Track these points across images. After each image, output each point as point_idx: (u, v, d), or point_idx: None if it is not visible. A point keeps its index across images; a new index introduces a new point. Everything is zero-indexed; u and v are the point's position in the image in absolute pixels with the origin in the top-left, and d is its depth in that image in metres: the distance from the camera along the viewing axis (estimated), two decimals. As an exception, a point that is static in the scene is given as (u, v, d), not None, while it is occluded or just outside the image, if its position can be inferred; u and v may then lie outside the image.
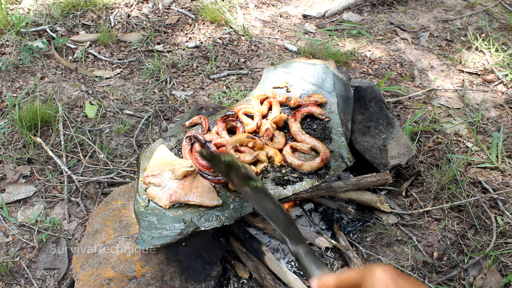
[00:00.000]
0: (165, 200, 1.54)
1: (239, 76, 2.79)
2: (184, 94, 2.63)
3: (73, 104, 2.53)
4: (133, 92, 2.63)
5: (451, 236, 1.93)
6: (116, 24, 3.13)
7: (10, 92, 2.56)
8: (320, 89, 1.96)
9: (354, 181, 1.83)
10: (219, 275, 1.66)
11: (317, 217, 1.93)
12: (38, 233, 1.92)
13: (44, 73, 2.72)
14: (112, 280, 1.54)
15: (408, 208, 2.04)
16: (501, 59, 2.92)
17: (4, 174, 2.15)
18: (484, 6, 3.53)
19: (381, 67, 2.92)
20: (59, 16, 3.12)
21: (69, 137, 2.31)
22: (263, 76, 2.07)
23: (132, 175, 2.12)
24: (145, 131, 2.39)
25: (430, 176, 2.14)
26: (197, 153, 1.66)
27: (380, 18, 3.38)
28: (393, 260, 1.83)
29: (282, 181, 1.66)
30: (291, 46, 3.02)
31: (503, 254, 1.83)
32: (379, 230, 1.93)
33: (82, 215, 2.01)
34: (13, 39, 2.88)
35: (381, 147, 2.00)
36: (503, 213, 1.99)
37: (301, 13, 3.40)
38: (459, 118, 2.53)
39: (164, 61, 2.82)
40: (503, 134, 2.38)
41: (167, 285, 1.55)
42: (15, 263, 1.83)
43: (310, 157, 1.74)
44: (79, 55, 2.86)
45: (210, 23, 3.18)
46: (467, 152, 2.30)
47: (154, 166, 1.63)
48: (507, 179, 2.17)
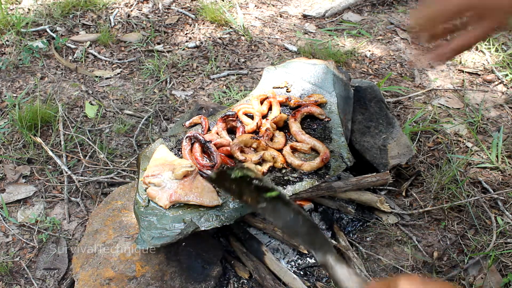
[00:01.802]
0: (165, 200, 1.54)
1: (239, 76, 2.79)
2: (184, 94, 2.63)
3: (73, 104, 2.53)
4: (133, 92, 2.63)
5: (451, 236, 1.93)
6: (116, 24, 3.13)
7: (10, 92, 2.56)
8: (320, 89, 1.96)
9: (354, 181, 1.83)
10: (219, 275, 1.66)
11: (317, 217, 1.93)
12: (38, 233, 1.92)
13: (44, 73, 2.72)
14: (112, 280, 1.54)
15: (408, 208, 2.04)
16: (501, 59, 2.93)
17: (4, 174, 2.16)
18: (484, 6, 3.52)
19: (381, 67, 2.92)
20: (59, 16, 3.12)
21: (69, 137, 2.31)
22: (263, 76, 2.07)
23: (132, 175, 2.12)
24: (145, 131, 2.39)
25: (430, 176, 2.14)
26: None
27: (380, 18, 3.38)
28: (393, 260, 1.83)
29: (282, 181, 1.66)
30: (291, 46, 3.02)
31: (503, 254, 1.83)
32: (379, 230, 1.93)
33: (82, 215, 2.01)
34: (13, 39, 2.88)
35: (381, 147, 2.00)
36: (503, 213, 1.99)
37: (301, 13, 3.40)
38: (459, 118, 2.53)
39: (164, 61, 2.82)
40: (503, 134, 2.38)
41: (167, 285, 1.55)
42: (15, 263, 1.83)
43: (310, 157, 1.74)
44: (79, 55, 2.86)
45: (210, 23, 3.18)
46: (467, 152, 2.30)
47: (154, 166, 1.63)
48: (507, 179, 2.17)
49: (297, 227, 1.03)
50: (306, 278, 1.76)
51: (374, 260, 1.84)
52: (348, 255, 1.78)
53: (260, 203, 1.09)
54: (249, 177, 1.09)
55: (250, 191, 1.10)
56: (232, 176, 1.10)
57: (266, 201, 1.08)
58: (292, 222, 1.05)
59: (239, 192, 1.13)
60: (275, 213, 1.09)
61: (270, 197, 1.07)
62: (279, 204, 1.07)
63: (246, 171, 1.10)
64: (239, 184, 1.11)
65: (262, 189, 1.08)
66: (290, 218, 1.05)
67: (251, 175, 1.09)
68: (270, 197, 1.07)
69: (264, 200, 1.08)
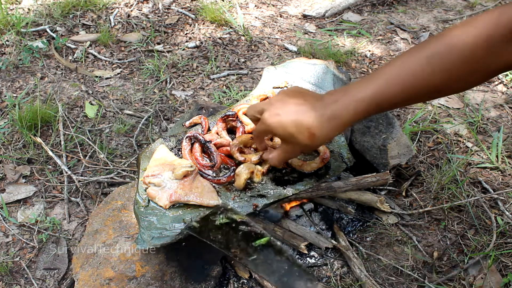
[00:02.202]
0: (165, 200, 1.54)
1: (239, 76, 2.79)
2: (184, 94, 2.63)
3: (73, 104, 2.53)
4: (133, 92, 2.63)
5: (451, 236, 1.93)
6: (116, 24, 3.13)
7: (10, 92, 2.56)
8: (320, 89, 1.96)
9: (354, 181, 1.83)
10: (219, 275, 1.66)
11: (317, 217, 1.93)
12: (38, 233, 1.92)
13: (44, 73, 2.72)
14: (112, 280, 1.54)
15: (408, 208, 2.04)
16: (501, 59, 2.92)
17: (4, 174, 2.16)
18: (484, 6, 3.53)
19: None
20: (59, 16, 3.12)
21: (69, 137, 2.31)
22: (263, 76, 2.07)
23: (132, 175, 2.12)
24: (145, 131, 2.39)
25: (430, 176, 2.14)
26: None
27: (380, 18, 3.38)
28: (393, 260, 1.83)
29: (282, 181, 1.66)
30: (291, 46, 3.02)
31: (503, 254, 1.83)
32: (379, 230, 1.93)
33: (82, 215, 2.01)
34: (13, 39, 2.88)
35: (381, 147, 2.00)
36: (503, 213, 1.99)
37: (301, 13, 3.40)
38: (459, 118, 2.53)
39: (164, 61, 2.82)
40: (503, 134, 2.38)
41: (167, 285, 1.55)
42: (15, 263, 1.83)
43: (310, 157, 1.74)
44: (79, 55, 2.86)
45: (210, 23, 3.18)
46: (467, 152, 2.30)
47: (154, 166, 1.63)
48: (507, 179, 2.17)
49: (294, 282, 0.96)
50: (306, 278, 1.76)
51: (374, 260, 1.84)
52: (348, 255, 1.78)
53: (251, 255, 1.01)
54: (235, 222, 1.03)
55: (238, 240, 1.03)
56: (216, 223, 1.05)
57: (256, 251, 1.01)
58: (288, 276, 0.98)
59: (226, 242, 1.06)
60: (267, 266, 1.02)
61: (261, 246, 1.01)
62: (271, 254, 1.01)
63: (230, 213, 1.04)
64: (225, 232, 1.05)
65: (251, 236, 1.01)
66: (284, 271, 0.98)
67: (237, 219, 1.03)
68: (260, 245, 1.01)
69: (254, 250, 1.01)
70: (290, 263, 0.97)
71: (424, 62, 1.02)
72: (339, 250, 1.83)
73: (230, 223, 1.03)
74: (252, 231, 1.00)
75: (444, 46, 1.00)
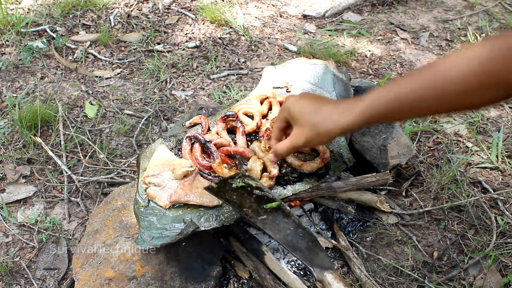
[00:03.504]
0: (165, 200, 1.54)
1: (239, 76, 2.79)
2: (184, 94, 2.63)
3: (73, 104, 2.53)
4: (133, 92, 2.63)
5: (451, 236, 1.93)
6: (116, 24, 3.13)
7: (10, 92, 2.56)
8: (320, 89, 1.96)
9: (354, 181, 1.83)
10: (219, 275, 1.66)
11: (317, 217, 1.93)
12: (38, 233, 1.92)
13: (44, 73, 2.72)
14: (112, 280, 1.54)
15: (408, 208, 2.04)
16: (501, 59, 2.92)
17: (4, 174, 2.16)
18: (484, 6, 3.53)
19: (381, 67, 2.92)
20: (59, 16, 3.12)
21: (69, 137, 2.31)
22: (263, 76, 2.07)
23: (132, 175, 2.12)
24: (145, 131, 2.39)
25: (430, 176, 2.14)
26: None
27: (380, 18, 3.38)
28: (393, 260, 1.83)
29: (282, 181, 1.66)
30: (291, 46, 3.02)
31: (503, 254, 1.83)
32: (379, 230, 1.93)
33: (82, 215, 2.01)
34: (13, 39, 2.88)
35: (381, 147, 2.00)
36: (503, 213, 1.99)
37: (301, 13, 3.40)
38: (459, 118, 2.53)
39: (164, 61, 2.82)
40: (503, 134, 2.38)
41: (167, 285, 1.55)
42: (15, 263, 1.83)
43: (310, 157, 1.74)
44: (79, 55, 2.86)
45: (210, 23, 3.18)
46: (467, 152, 2.30)
47: (154, 166, 1.63)
48: (507, 179, 2.17)
49: (297, 241, 1.02)
50: (306, 278, 1.76)
51: (374, 260, 1.84)
52: (348, 255, 1.78)
53: (261, 215, 1.07)
54: (250, 187, 1.08)
55: (251, 201, 1.09)
56: (233, 186, 1.09)
57: (267, 212, 1.06)
58: (292, 236, 1.03)
59: (240, 203, 1.12)
60: (275, 225, 1.07)
61: (271, 208, 1.06)
62: (280, 216, 1.06)
63: (247, 179, 1.08)
64: (240, 194, 1.10)
65: (263, 200, 1.06)
66: (290, 231, 1.04)
67: (252, 184, 1.08)
68: (270, 208, 1.06)
69: (265, 211, 1.06)
70: (296, 225, 1.03)
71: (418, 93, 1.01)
72: (339, 250, 1.83)
73: (246, 187, 1.09)
74: (265, 195, 1.05)
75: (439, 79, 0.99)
